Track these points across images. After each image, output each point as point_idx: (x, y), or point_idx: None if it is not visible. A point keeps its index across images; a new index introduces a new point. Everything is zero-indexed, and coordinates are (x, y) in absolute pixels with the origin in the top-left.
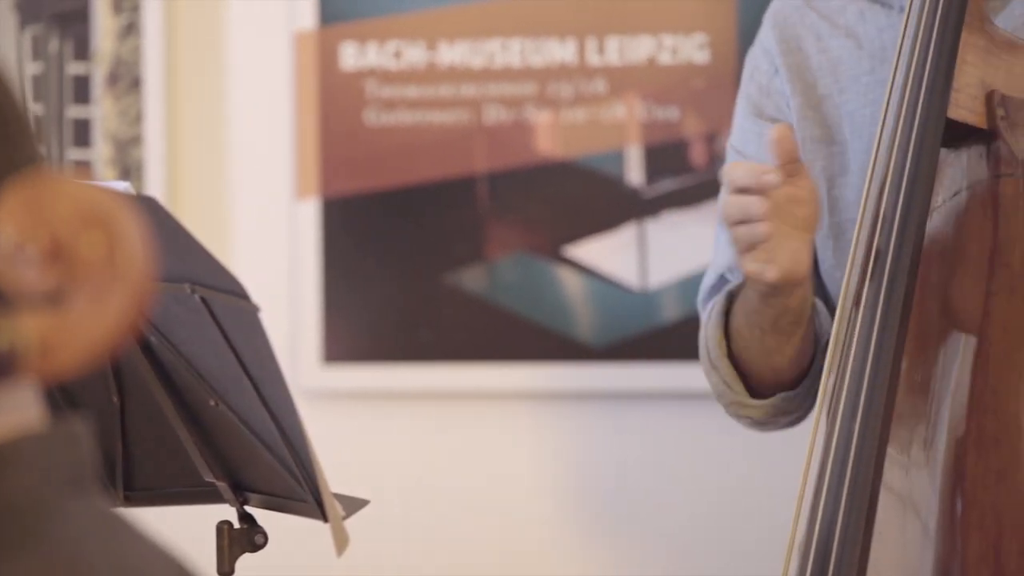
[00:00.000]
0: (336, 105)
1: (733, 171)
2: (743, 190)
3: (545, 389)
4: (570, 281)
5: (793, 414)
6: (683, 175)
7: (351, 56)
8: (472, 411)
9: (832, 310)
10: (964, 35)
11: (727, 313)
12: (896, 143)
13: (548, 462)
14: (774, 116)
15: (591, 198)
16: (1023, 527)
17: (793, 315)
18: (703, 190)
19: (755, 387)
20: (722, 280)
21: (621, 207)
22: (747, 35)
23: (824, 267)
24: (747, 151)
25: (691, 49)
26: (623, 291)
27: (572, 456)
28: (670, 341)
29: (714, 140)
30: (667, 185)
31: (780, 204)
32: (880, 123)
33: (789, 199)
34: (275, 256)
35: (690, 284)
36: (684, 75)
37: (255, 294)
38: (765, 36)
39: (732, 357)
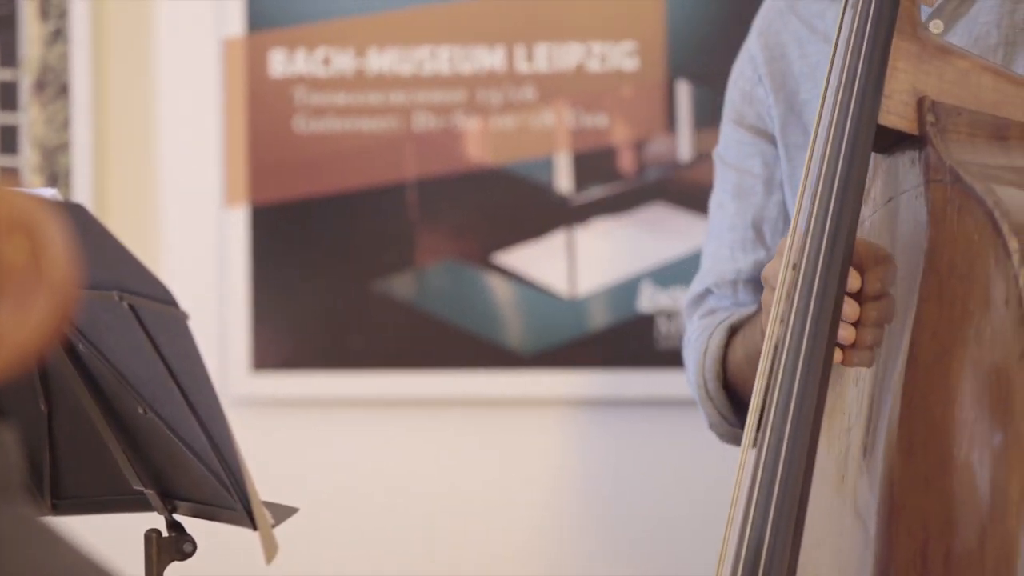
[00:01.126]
0: (265, 112)
1: (769, 271)
2: None
3: (474, 396)
4: (499, 288)
5: None
6: (612, 182)
7: (280, 63)
8: (402, 418)
9: None
10: (896, 40)
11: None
12: (828, 149)
13: (477, 468)
14: (754, 124)
15: (520, 205)
16: (949, 533)
17: None
18: (632, 197)
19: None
20: (708, 292)
21: (550, 214)
22: (676, 42)
23: None
24: (728, 158)
25: (620, 56)
26: (552, 298)
27: (501, 462)
28: (599, 348)
29: (642, 147)
30: (596, 192)
31: None
32: (815, 126)
33: None
34: (204, 263)
35: (619, 291)
36: (613, 82)
37: (184, 301)
38: (752, 43)
39: (727, 382)
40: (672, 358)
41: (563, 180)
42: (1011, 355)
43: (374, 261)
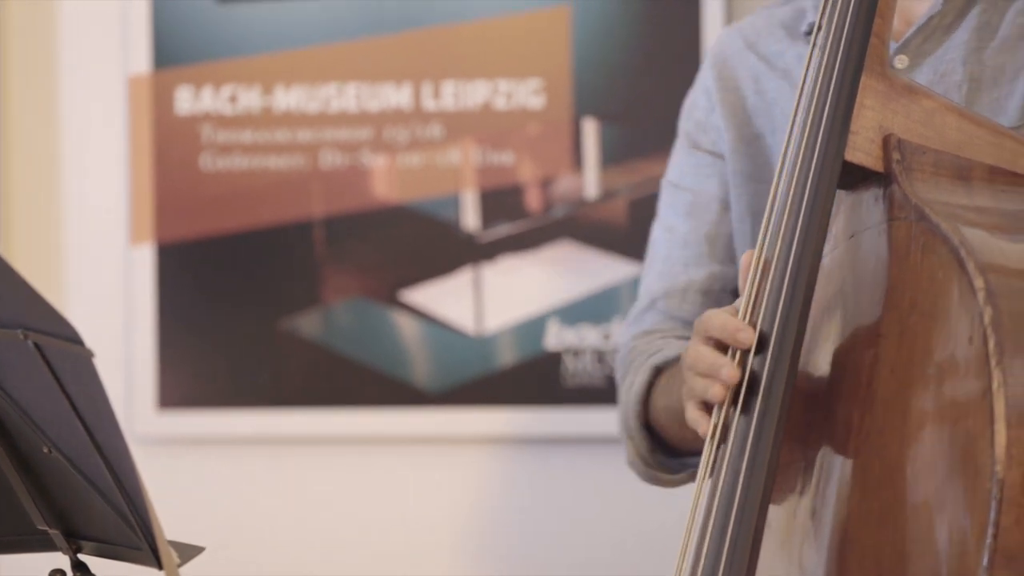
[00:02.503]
0: (171, 150)
1: (708, 321)
2: (714, 341)
3: (382, 435)
4: (406, 326)
5: None
6: (518, 220)
7: (186, 101)
8: (309, 457)
9: None
10: (864, 78)
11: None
12: (793, 184)
13: (384, 507)
14: (710, 149)
15: (427, 243)
16: (900, 570)
17: None
18: (538, 235)
19: (668, 439)
20: (652, 304)
21: (457, 252)
22: (582, 80)
23: None
24: (684, 183)
25: (526, 94)
26: (459, 336)
27: (408, 501)
28: (506, 386)
29: (549, 185)
30: (503, 230)
31: None
32: (781, 161)
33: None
34: (110, 301)
35: (526, 329)
36: (519, 120)
37: (89, 339)
38: (704, 75)
39: (648, 421)
40: (579, 396)
41: (470, 218)
42: (974, 393)
43: (281, 299)
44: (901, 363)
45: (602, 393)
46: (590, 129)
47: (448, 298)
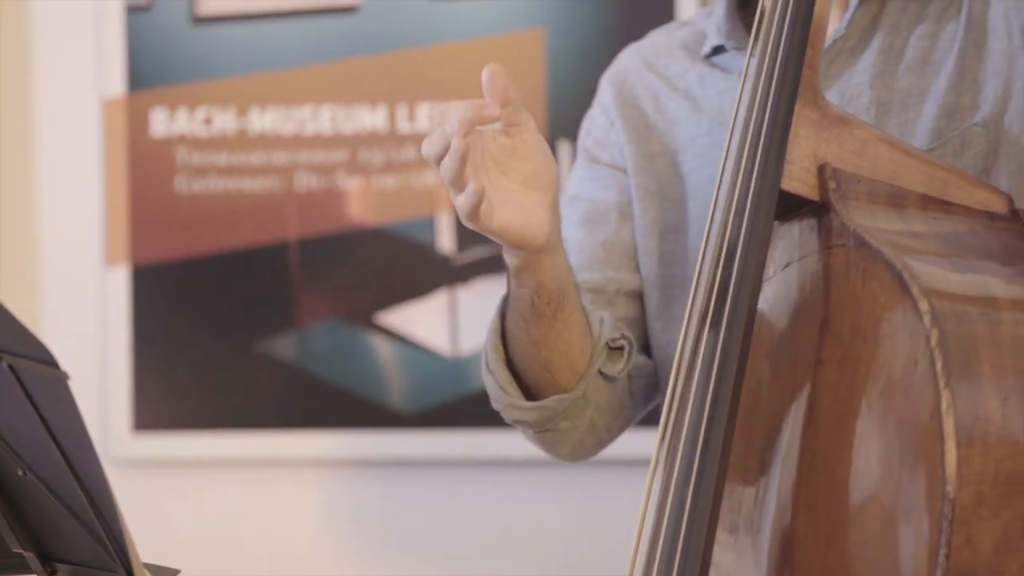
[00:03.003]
0: (146, 172)
1: (448, 107)
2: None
3: (358, 456)
4: (382, 348)
5: (575, 420)
6: (494, 242)
7: (161, 123)
8: (285, 479)
9: (651, 357)
10: (798, 108)
11: (504, 317)
12: (731, 213)
13: (361, 529)
14: (609, 163)
15: (403, 265)
16: None
17: (548, 294)
18: None
19: (535, 393)
20: None
21: (433, 274)
22: (556, 104)
23: (649, 313)
24: (581, 194)
25: None
26: (435, 358)
27: (384, 522)
28: (482, 408)
29: None
30: (478, 252)
31: (499, 157)
32: (715, 190)
33: (507, 151)
34: (85, 323)
35: None
36: None
37: (64, 362)
38: (602, 94)
39: (511, 365)
40: None
41: (445, 240)
42: (922, 413)
43: (256, 321)
44: (844, 388)
45: None
46: (565, 152)
47: (424, 320)
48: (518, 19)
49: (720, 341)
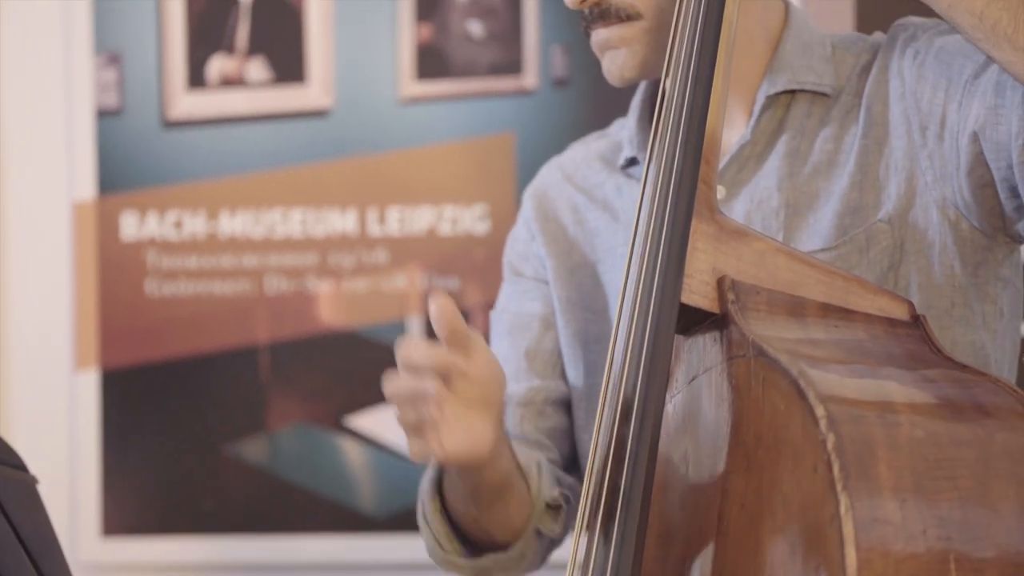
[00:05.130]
0: (116, 275)
1: (403, 349)
2: (411, 369)
3: (329, 561)
4: (352, 451)
5: (511, 570)
6: None
7: (131, 226)
8: None
9: (582, 469)
10: (694, 223)
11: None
12: (633, 328)
13: None
14: (533, 276)
15: (372, 368)
16: None
17: (491, 489)
18: None
19: (468, 536)
20: None
21: None
22: None
23: (577, 424)
24: (507, 307)
25: (471, 220)
26: (405, 461)
27: None
28: None
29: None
30: None
31: (447, 376)
32: (619, 305)
33: (460, 375)
34: (54, 427)
35: None
36: (465, 246)
37: (33, 466)
38: (525, 208)
39: (447, 510)
40: None
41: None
42: (822, 518)
43: (226, 424)
44: (750, 497)
45: None
46: None
47: (394, 423)
48: (488, 123)
49: (624, 468)
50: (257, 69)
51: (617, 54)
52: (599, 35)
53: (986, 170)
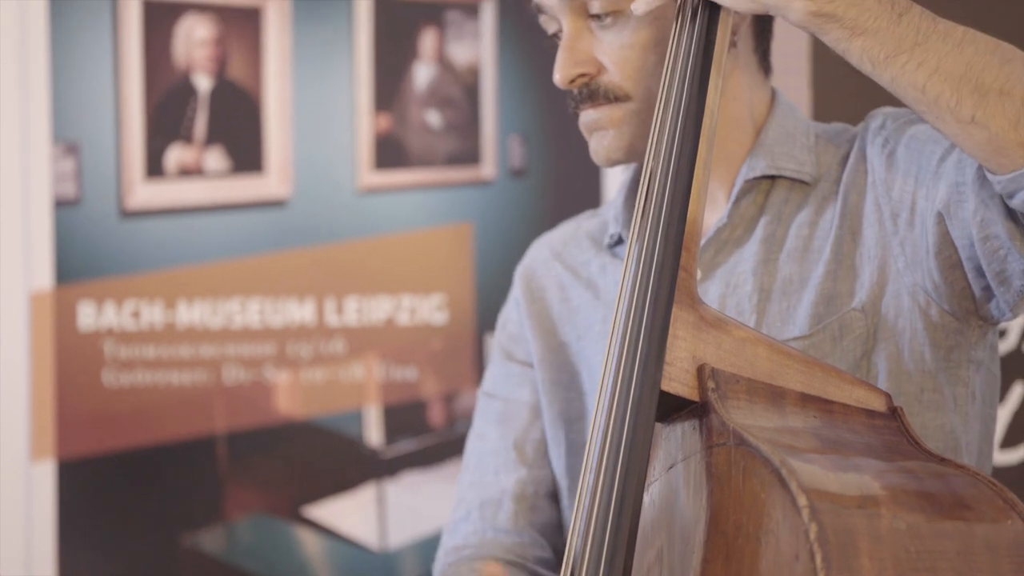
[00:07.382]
0: (73, 365)
1: None
2: None
3: None
4: (309, 542)
5: None
6: (422, 435)
7: (88, 316)
8: None
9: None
10: (675, 311)
11: None
12: (612, 417)
13: None
14: (523, 359)
15: (330, 458)
16: None
17: None
18: (441, 450)
19: None
20: (468, 515)
21: (360, 467)
22: (484, 297)
23: (563, 505)
24: (496, 392)
25: (429, 310)
26: (363, 551)
27: None
28: None
29: (452, 400)
30: (406, 446)
31: None
32: (599, 392)
33: None
34: (10, 517)
35: (429, 544)
36: (422, 336)
37: None
38: (516, 288)
39: None
40: None
41: (373, 433)
42: None
43: (183, 515)
44: None
45: None
46: (492, 345)
47: (351, 514)
48: (446, 213)
49: (604, 554)
50: (215, 159)
51: (605, 135)
52: (588, 116)
53: (953, 250)
